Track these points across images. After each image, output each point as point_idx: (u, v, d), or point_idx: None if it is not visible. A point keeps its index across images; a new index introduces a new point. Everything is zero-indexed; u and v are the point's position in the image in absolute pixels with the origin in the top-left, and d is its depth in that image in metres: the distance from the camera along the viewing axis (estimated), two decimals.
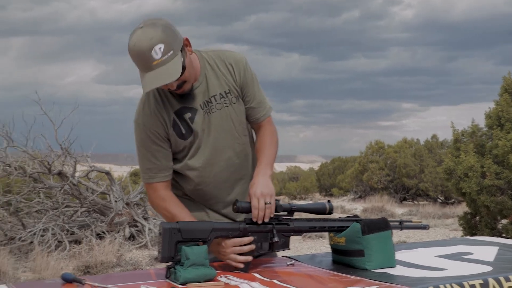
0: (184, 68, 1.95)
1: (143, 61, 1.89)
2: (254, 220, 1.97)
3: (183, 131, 2.10)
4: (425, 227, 2.31)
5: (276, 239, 1.99)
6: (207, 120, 2.11)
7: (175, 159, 2.16)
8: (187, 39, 2.00)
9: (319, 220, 2.08)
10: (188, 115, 2.09)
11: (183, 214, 2.09)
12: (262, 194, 1.97)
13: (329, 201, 2.10)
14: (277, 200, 2.02)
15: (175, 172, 2.18)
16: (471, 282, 1.77)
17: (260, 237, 2.01)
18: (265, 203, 1.96)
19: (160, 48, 1.88)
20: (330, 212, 2.08)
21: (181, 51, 1.95)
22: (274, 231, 2.00)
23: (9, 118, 8.35)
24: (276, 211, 2.01)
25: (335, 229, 2.09)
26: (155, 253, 7.68)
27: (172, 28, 1.94)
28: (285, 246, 2.07)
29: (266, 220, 1.98)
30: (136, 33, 1.90)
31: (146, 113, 2.09)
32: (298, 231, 2.06)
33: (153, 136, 2.08)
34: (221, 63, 2.14)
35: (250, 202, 1.97)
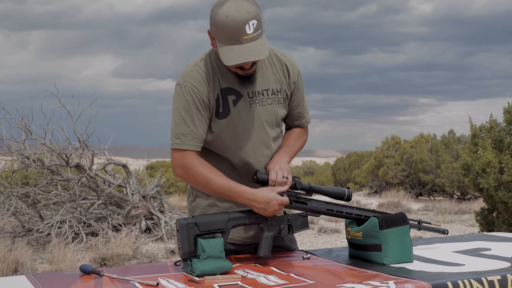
0: None
1: (235, 33, 1.86)
2: None
3: (221, 110, 2.03)
4: (444, 232, 2.28)
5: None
6: (252, 110, 2.06)
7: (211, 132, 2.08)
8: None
9: (337, 205, 2.08)
10: (232, 98, 2.04)
11: (217, 176, 1.99)
12: (281, 168, 2.01)
13: (348, 188, 2.10)
14: (297, 178, 2.03)
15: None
16: (490, 278, 1.76)
17: (278, 220, 2.03)
18: (283, 177, 1.98)
19: (253, 24, 1.86)
20: (349, 199, 2.08)
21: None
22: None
23: (28, 110, 8.39)
24: (295, 188, 2.03)
25: (352, 216, 2.08)
26: (171, 246, 7.71)
27: (259, 6, 1.93)
28: (304, 225, 2.07)
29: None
30: (228, 4, 1.86)
31: (197, 77, 2.01)
32: (316, 211, 2.06)
33: (198, 101, 2.00)
34: (277, 62, 2.13)
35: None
